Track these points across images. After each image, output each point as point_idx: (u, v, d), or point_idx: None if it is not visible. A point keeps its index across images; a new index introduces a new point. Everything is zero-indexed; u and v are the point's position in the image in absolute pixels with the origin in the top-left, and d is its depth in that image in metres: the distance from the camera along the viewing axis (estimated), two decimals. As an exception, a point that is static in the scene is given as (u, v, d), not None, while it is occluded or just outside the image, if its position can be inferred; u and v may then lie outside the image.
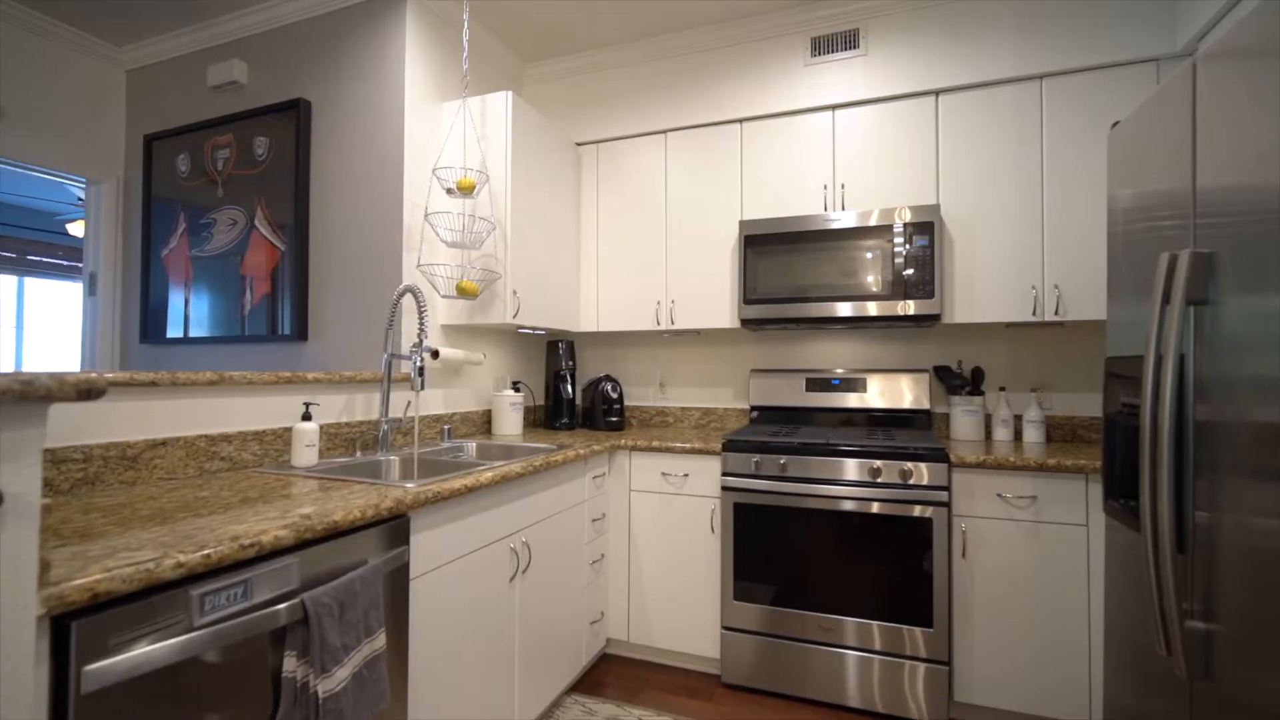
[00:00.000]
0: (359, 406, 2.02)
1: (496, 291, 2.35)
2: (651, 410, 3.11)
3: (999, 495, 2.01)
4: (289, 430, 1.77)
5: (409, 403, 2.17)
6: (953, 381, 2.53)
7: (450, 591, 1.53)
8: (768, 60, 2.63)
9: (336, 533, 1.19)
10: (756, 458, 2.26)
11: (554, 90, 3.00)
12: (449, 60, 2.49)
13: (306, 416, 1.73)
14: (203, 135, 2.64)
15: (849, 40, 2.51)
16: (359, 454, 1.93)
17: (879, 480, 2.12)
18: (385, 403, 2.00)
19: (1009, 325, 2.45)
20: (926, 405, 2.58)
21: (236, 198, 2.55)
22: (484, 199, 2.33)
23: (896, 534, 2.09)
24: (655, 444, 2.42)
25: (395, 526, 1.34)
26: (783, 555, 2.22)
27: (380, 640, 1.22)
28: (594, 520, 2.34)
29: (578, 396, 2.99)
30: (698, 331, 2.94)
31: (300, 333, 2.38)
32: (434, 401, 2.37)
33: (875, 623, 2.10)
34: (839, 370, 2.73)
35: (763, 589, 2.24)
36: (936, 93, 2.39)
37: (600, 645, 2.42)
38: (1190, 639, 1.08)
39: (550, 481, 2.01)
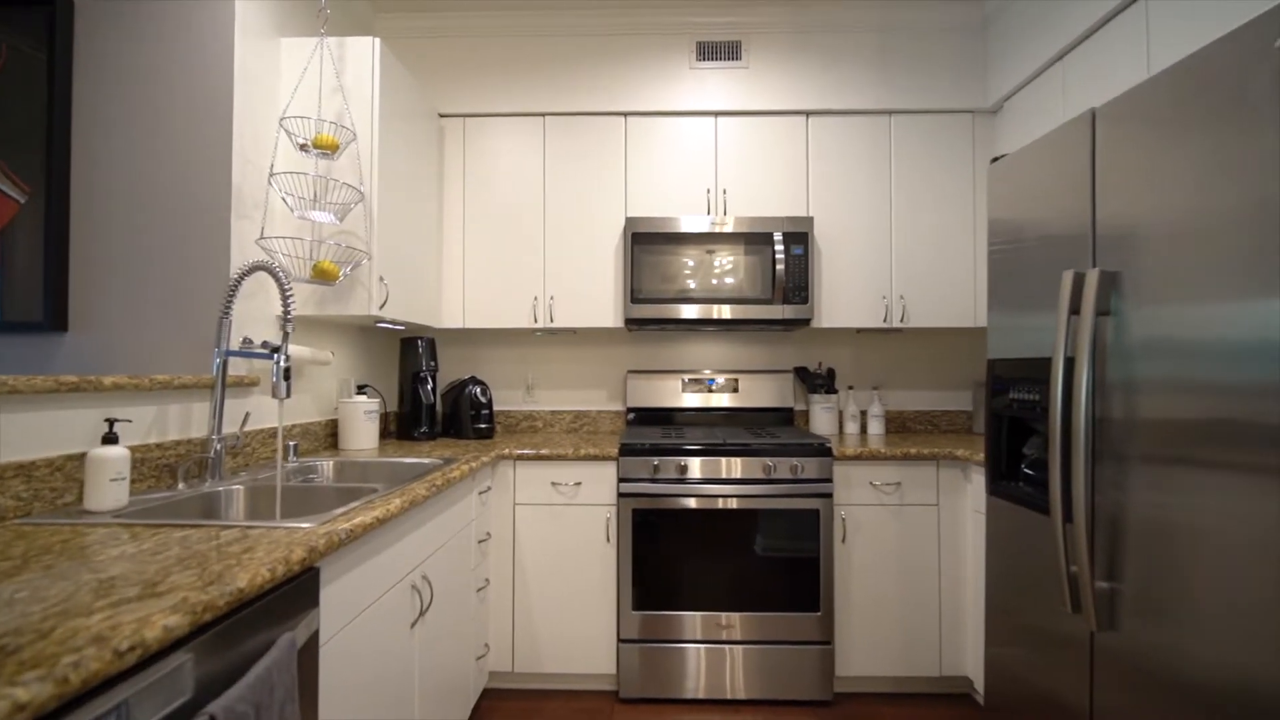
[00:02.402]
0: (173, 421, 1.50)
1: (359, 277, 1.94)
2: (519, 415, 2.87)
3: (871, 484, 2.23)
4: (75, 460, 1.23)
5: (246, 415, 1.68)
6: (813, 381, 2.75)
7: (358, 652, 1.20)
8: (655, 56, 2.59)
9: (241, 605, 0.83)
10: (655, 461, 2.20)
11: (411, 48, 2.60)
12: (288, -14, 1.99)
13: (110, 438, 1.22)
14: None
15: (732, 51, 2.58)
16: (182, 485, 1.43)
17: (772, 477, 2.20)
18: (218, 415, 1.52)
19: (858, 331, 2.74)
20: (791, 403, 2.78)
21: (-70, 120, 1.74)
22: (343, 163, 1.91)
23: (788, 527, 2.19)
24: (545, 452, 2.22)
25: (303, 583, 0.99)
26: (681, 558, 2.19)
27: (298, 743, 0.89)
28: (480, 542, 2.07)
29: (438, 402, 2.63)
30: (574, 331, 2.79)
31: (55, 320, 1.70)
32: (268, 412, 1.87)
33: (770, 614, 2.18)
34: (708, 371, 2.80)
35: (662, 595, 2.19)
36: (807, 113, 2.58)
37: (483, 682, 2.14)
38: (1097, 598, 1.28)
39: (446, 503, 1.72)
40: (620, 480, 2.20)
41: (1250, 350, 0.99)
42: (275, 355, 1.38)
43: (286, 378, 1.38)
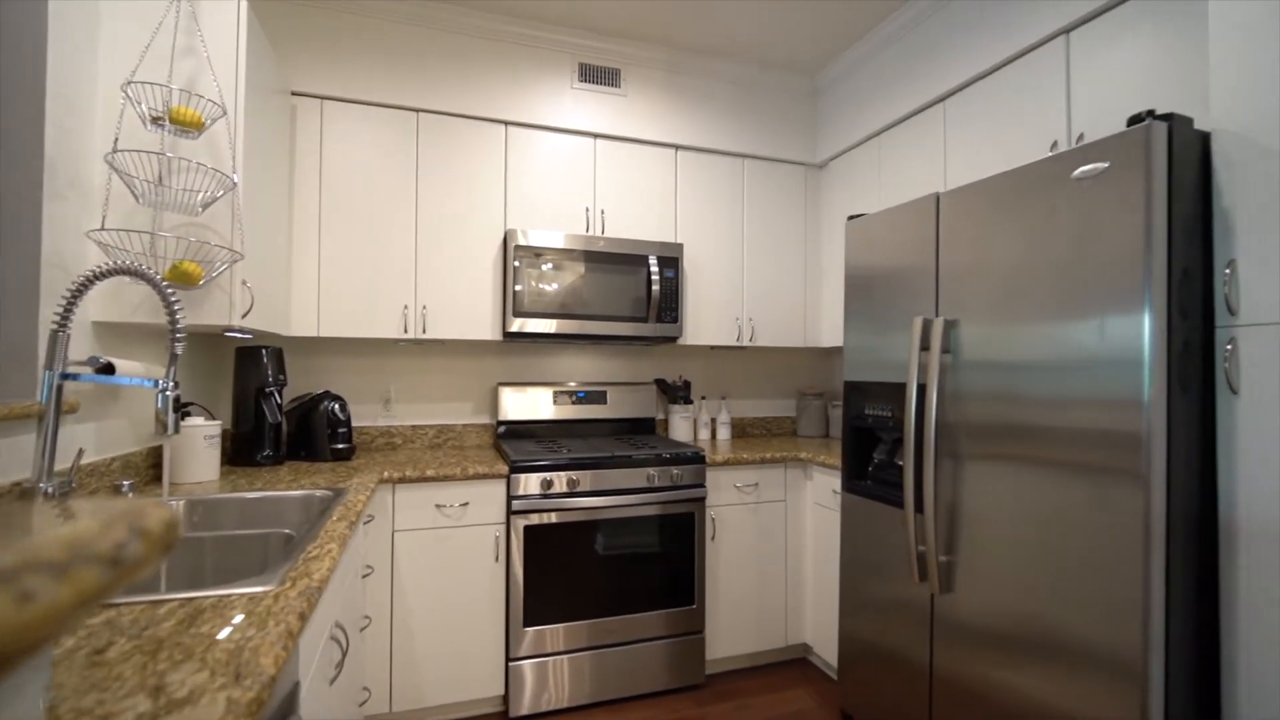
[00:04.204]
0: (-26, 467, 1.13)
1: (219, 280, 1.63)
2: (374, 431, 2.62)
3: (735, 486, 2.52)
4: None
5: (80, 451, 1.31)
6: (674, 392, 2.99)
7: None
8: (538, 70, 2.58)
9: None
10: (547, 476, 2.22)
11: (256, 8, 2.22)
12: (111, -91, 1.59)
13: (-74, 500, 0.90)
14: None
15: (612, 77, 2.69)
16: (4, 552, 1.09)
17: (654, 485, 2.36)
18: (48, 453, 1.18)
19: (712, 347, 3.05)
20: (654, 413, 2.98)
21: None
22: (200, 145, 1.59)
23: (667, 530, 2.37)
24: (430, 473, 2.09)
25: (291, 657, 0.87)
26: (571, 570, 2.24)
27: (311, 837, 0.79)
28: (363, 577, 1.88)
29: (283, 420, 2.28)
30: (442, 342, 2.64)
31: None
32: (84, 442, 1.48)
33: (652, 613, 2.34)
34: (573, 383, 2.88)
35: (552, 608, 2.21)
36: (676, 147, 2.80)
37: (361, 730, 1.95)
38: (939, 569, 1.66)
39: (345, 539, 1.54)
40: (512, 498, 2.17)
41: (1038, 368, 1.41)
42: (163, 383, 1.13)
43: (176, 409, 1.15)
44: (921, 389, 1.71)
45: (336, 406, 2.29)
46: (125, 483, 1.49)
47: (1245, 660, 1.20)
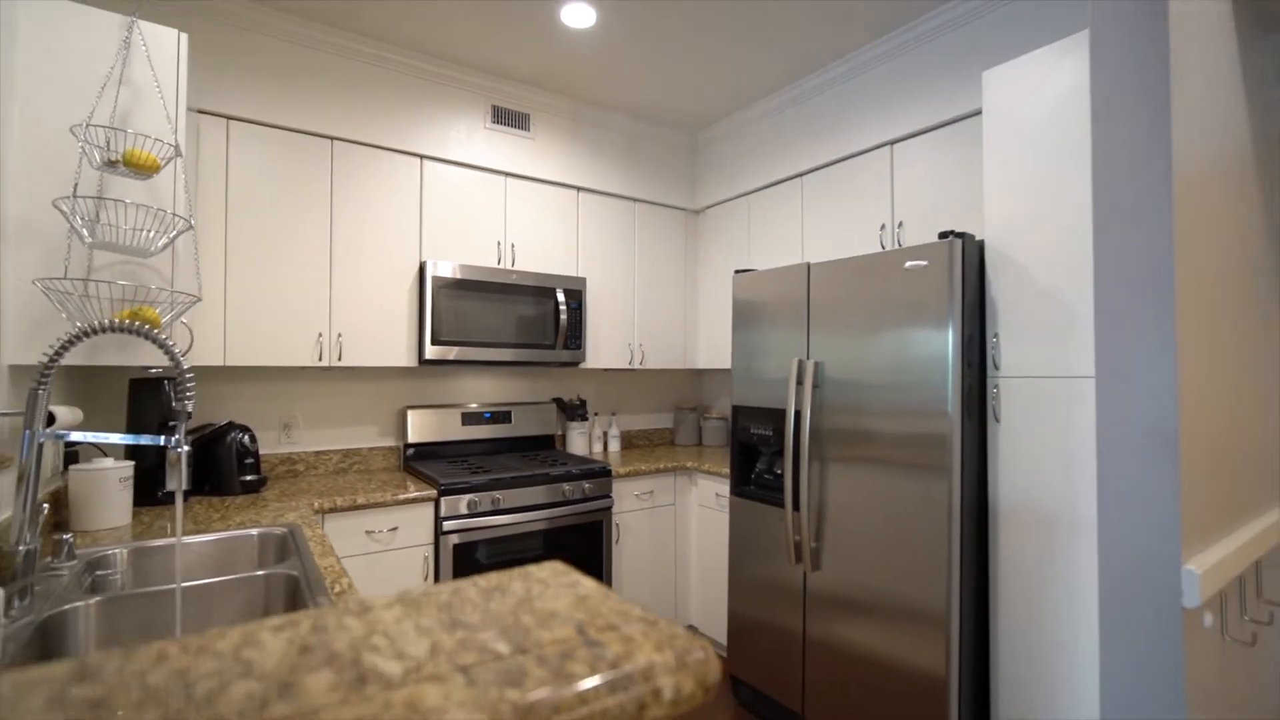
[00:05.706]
0: (-57, 533, 1.08)
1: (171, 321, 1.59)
2: (275, 459, 2.55)
3: (635, 494, 2.87)
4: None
5: (43, 507, 1.26)
6: (571, 410, 3.26)
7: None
8: (454, 109, 2.70)
9: None
10: (473, 497, 2.38)
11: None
12: (27, -79, 1.48)
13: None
14: None
15: (522, 121, 2.89)
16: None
17: (568, 499, 2.63)
18: (29, 519, 1.16)
19: (606, 369, 3.37)
20: (554, 430, 3.23)
21: None
22: (148, 186, 1.55)
23: (579, 539, 2.65)
24: (361, 500, 2.16)
25: None
26: (495, 582, 2.42)
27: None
28: (302, 608, 1.91)
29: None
30: (350, 367, 2.63)
31: None
32: None
33: (566, 614, 2.60)
34: (475, 405, 3.03)
35: (478, 619, 2.38)
36: (579, 189, 3.08)
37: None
38: (811, 553, 2.16)
39: (316, 573, 1.62)
40: (442, 519, 2.30)
41: (880, 388, 1.95)
42: (172, 437, 1.18)
43: (190, 464, 1.20)
44: (797, 414, 2.20)
45: (246, 437, 2.23)
46: (67, 538, 1.42)
47: (1004, 606, 1.82)
